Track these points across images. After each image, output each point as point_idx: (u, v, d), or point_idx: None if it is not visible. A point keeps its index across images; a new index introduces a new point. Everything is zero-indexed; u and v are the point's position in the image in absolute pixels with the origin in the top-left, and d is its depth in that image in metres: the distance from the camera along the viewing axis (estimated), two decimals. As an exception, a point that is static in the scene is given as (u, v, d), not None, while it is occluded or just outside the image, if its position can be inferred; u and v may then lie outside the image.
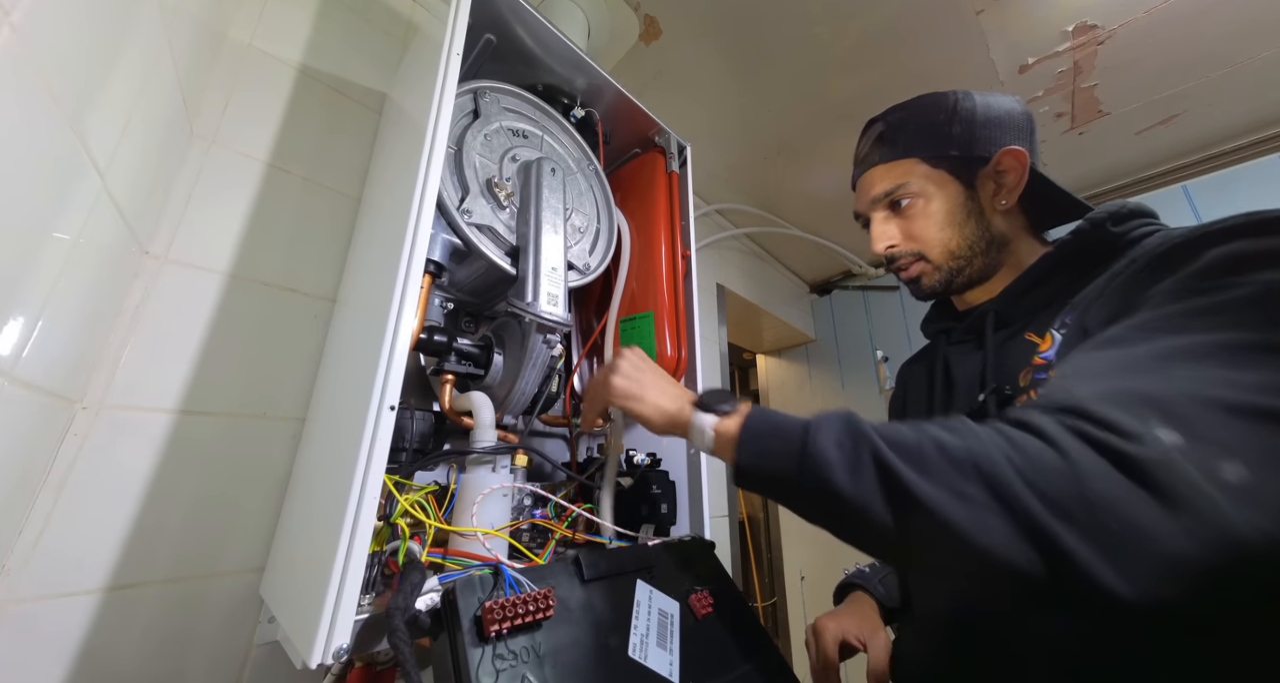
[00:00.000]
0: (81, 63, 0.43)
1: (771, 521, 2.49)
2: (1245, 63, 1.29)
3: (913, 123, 0.63)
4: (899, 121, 0.64)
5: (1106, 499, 0.28)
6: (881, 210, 0.64)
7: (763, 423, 0.43)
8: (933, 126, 0.61)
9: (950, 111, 0.61)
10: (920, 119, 0.62)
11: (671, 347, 0.83)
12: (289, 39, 0.83)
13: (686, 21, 1.21)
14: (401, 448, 0.61)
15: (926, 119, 0.62)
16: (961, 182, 0.60)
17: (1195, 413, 0.29)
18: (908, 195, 0.61)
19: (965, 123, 0.60)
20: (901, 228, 0.63)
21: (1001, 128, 0.60)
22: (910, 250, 0.62)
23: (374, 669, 0.58)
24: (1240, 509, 0.26)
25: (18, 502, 0.50)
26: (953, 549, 0.31)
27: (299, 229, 0.78)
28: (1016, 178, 0.59)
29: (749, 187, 1.82)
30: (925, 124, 0.62)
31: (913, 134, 0.62)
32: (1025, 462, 0.30)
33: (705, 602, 0.58)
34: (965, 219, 0.60)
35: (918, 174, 0.61)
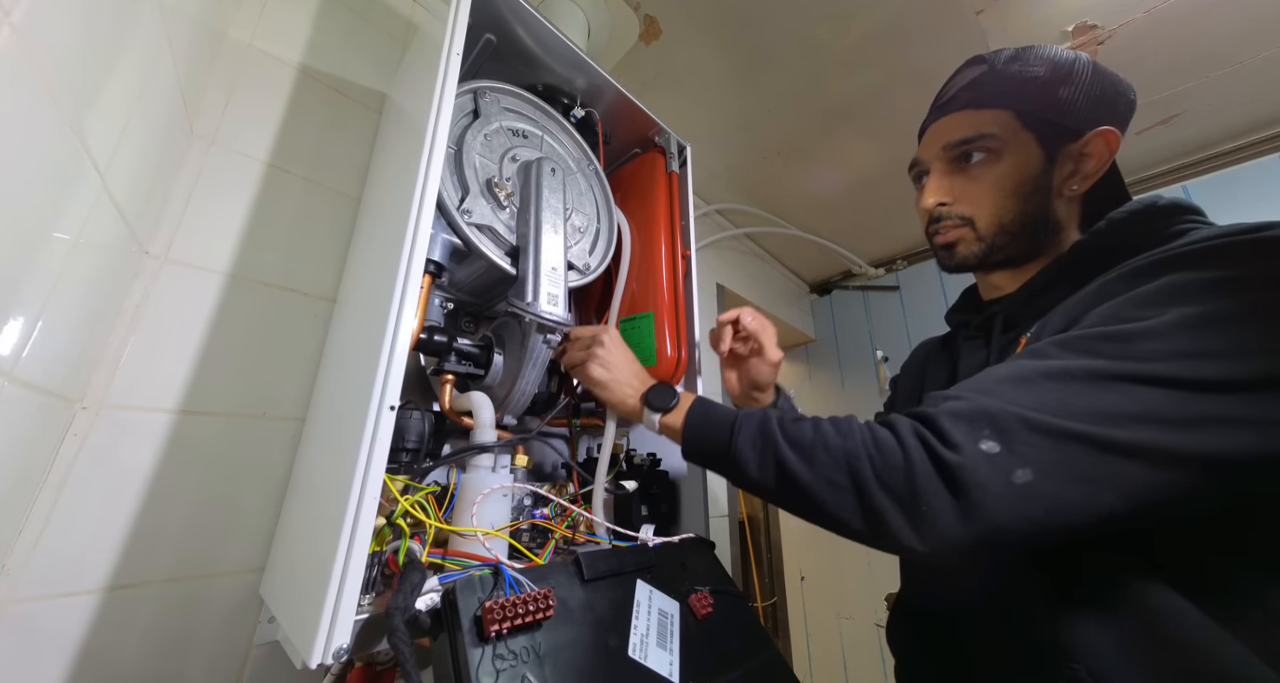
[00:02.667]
0: (81, 63, 0.43)
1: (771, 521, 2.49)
2: (1245, 62, 1.29)
3: (1023, 71, 0.55)
4: (1008, 65, 0.56)
5: (922, 487, 0.39)
6: (947, 161, 0.58)
7: (700, 420, 0.57)
8: (1044, 82, 0.54)
9: (1068, 71, 0.54)
10: (1033, 69, 0.55)
11: (671, 347, 0.83)
12: (289, 39, 0.83)
13: (686, 21, 1.21)
14: (402, 448, 0.61)
15: (1039, 71, 0.55)
16: (1045, 150, 0.55)
17: (1017, 429, 0.38)
18: (985, 150, 0.55)
19: (1079, 89, 0.54)
20: (961, 186, 0.57)
21: (1108, 106, 0.55)
22: (960, 213, 0.57)
23: (374, 669, 0.58)
24: (1014, 502, 0.37)
25: (18, 502, 0.50)
26: (822, 516, 0.45)
27: (299, 229, 0.78)
28: (1100, 164, 0.55)
29: (749, 187, 1.82)
30: (1036, 76, 0.55)
31: (1018, 83, 0.55)
32: (879, 457, 0.42)
33: (705, 602, 0.58)
34: (1032, 193, 0.55)
35: (1006, 128, 0.55)
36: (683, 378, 0.84)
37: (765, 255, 2.25)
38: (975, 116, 0.57)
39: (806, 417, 0.51)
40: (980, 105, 0.57)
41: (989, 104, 0.56)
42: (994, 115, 0.56)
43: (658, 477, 0.78)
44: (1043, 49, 0.57)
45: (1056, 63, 0.55)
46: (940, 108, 0.61)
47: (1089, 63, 0.55)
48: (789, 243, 2.16)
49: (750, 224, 1.98)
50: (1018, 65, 0.56)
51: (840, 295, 2.47)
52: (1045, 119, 0.55)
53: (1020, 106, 0.55)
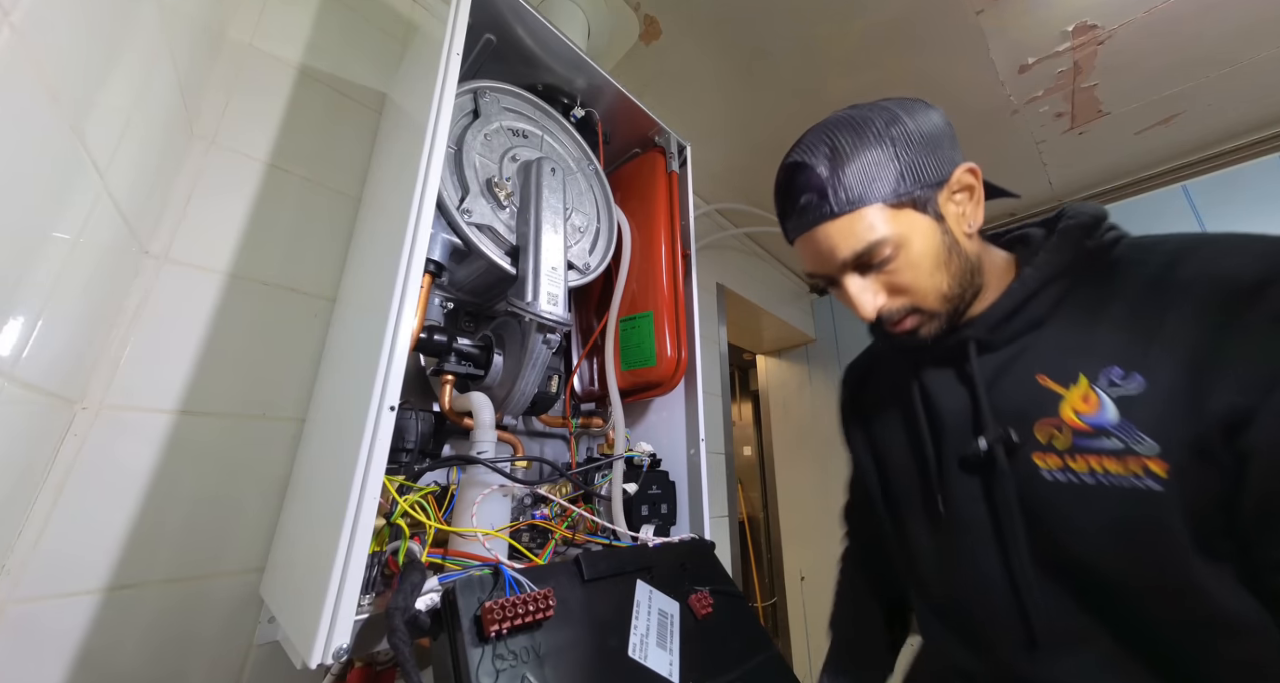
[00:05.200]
0: (81, 63, 0.43)
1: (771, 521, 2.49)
2: (1245, 62, 1.29)
3: (854, 162, 0.51)
4: (836, 163, 0.52)
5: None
6: (853, 270, 0.54)
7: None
8: (878, 163, 0.51)
9: (888, 139, 0.52)
10: (860, 155, 0.51)
11: (671, 347, 0.83)
12: (289, 39, 0.83)
13: (686, 22, 1.21)
14: (402, 448, 0.61)
15: (868, 154, 0.51)
16: (930, 215, 0.52)
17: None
18: (886, 251, 0.52)
19: (909, 148, 0.52)
20: (885, 285, 0.54)
21: (942, 142, 0.53)
22: (901, 306, 0.54)
23: (374, 669, 0.58)
24: None
25: (18, 502, 0.50)
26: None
27: (299, 229, 0.78)
28: (977, 194, 0.54)
29: (749, 187, 1.82)
30: (869, 161, 0.51)
31: (860, 176, 0.51)
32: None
33: (705, 602, 0.58)
34: (948, 257, 0.53)
35: (884, 222, 0.51)
36: (682, 378, 0.84)
37: (765, 255, 2.25)
38: (848, 224, 0.52)
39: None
40: (844, 211, 0.52)
41: (853, 207, 0.51)
42: (865, 216, 0.51)
43: (658, 477, 0.78)
44: (845, 125, 0.53)
45: (871, 137, 0.52)
46: (796, 218, 0.55)
47: (892, 116, 0.53)
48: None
49: (750, 224, 1.98)
50: (841, 156, 0.52)
51: (840, 295, 2.46)
52: (906, 190, 0.51)
53: (880, 196, 0.51)
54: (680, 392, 0.86)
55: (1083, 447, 0.45)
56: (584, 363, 0.93)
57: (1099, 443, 0.44)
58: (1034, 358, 0.51)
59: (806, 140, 0.55)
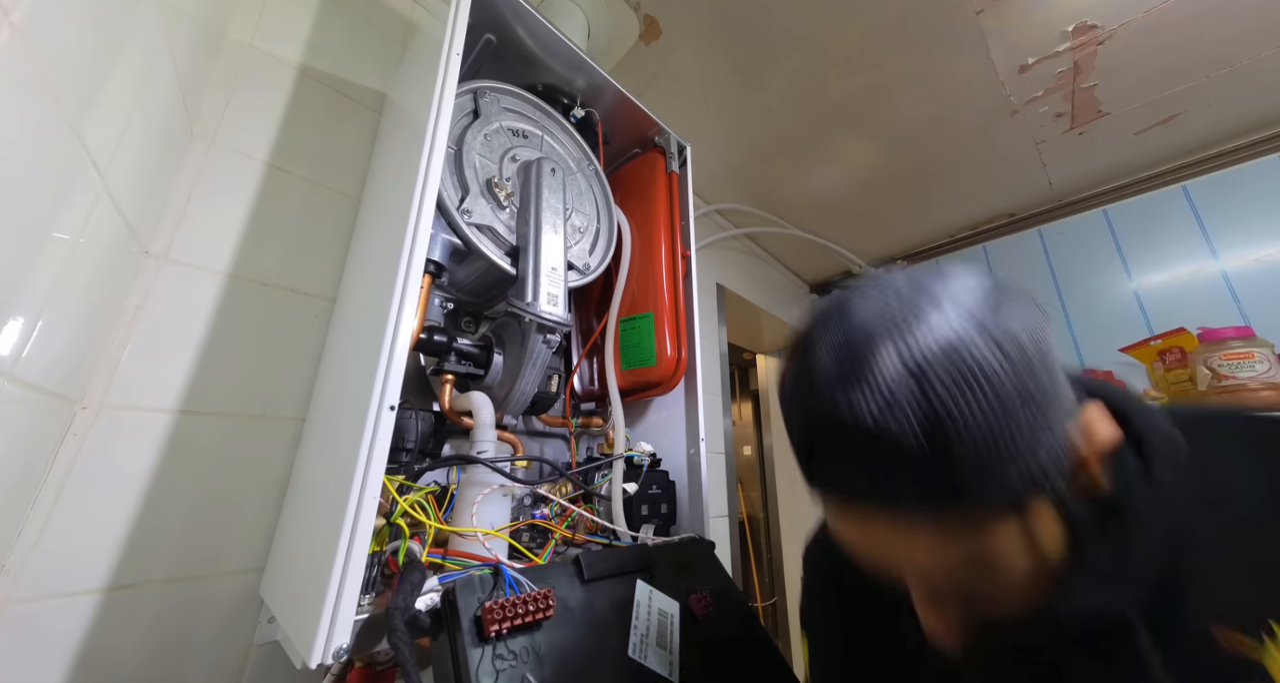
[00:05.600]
0: (81, 63, 0.43)
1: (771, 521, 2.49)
2: (1245, 63, 1.29)
3: (983, 439, 0.29)
4: (955, 442, 0.29)
5: None
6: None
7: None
8: (1015, 435, 0.30)
9: (1024, 389, 0.30)
10: (989, 426, 0.29)
11: (671, 347, 0.83)
12: (289, 39, 0.83)
13: (686, 22, 1.21)
14: (402, 448, 0.61)
15: (999, 423, 0.29)
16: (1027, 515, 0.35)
17: None
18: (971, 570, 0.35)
19: (1041, 390, 0.31)
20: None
21: (1053, 389, 0.32)
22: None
23: (374, 669, 0.58)
24: None
25: (17, 501, 0.50)
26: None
27: (299, 229, 0.78)
28: (1101, 449, 0.36)
29: (749, 186, 1.82)
30: (999, 434, 0.30)
31: (991, 463, 0.30)
32: None
33: (705, 602, 0.58)
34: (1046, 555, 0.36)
35: (1012, 535, 0.34)
36: (682, 378, 0.84)
37: (765, 255, 2.25)
38: (915, 541, 0.33)
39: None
40: (898, 512, 0.33)
41: (917, 506, 0.32)
42: (943, 529, 0.32)
43: (658, 477, 0.78)
44: (970, 357, 0.30)
45: (1010, 391, 0.30)
46: (830, 487, 0.36)
47: (1020, 330, 0.31)
48: (789, 243, 2.16)
49: (750, 224, 1.98)
50: (969, 429, 0.29)
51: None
52: (1042, 468, 0.31)
53: (1010, 492, 0.31)
54: (680, 392, 0.86)
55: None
56: (584, 363, 0.93)
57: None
58: (1192, 609, 0.36)
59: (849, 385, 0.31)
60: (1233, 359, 1.12)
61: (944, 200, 1.87)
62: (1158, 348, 1.37)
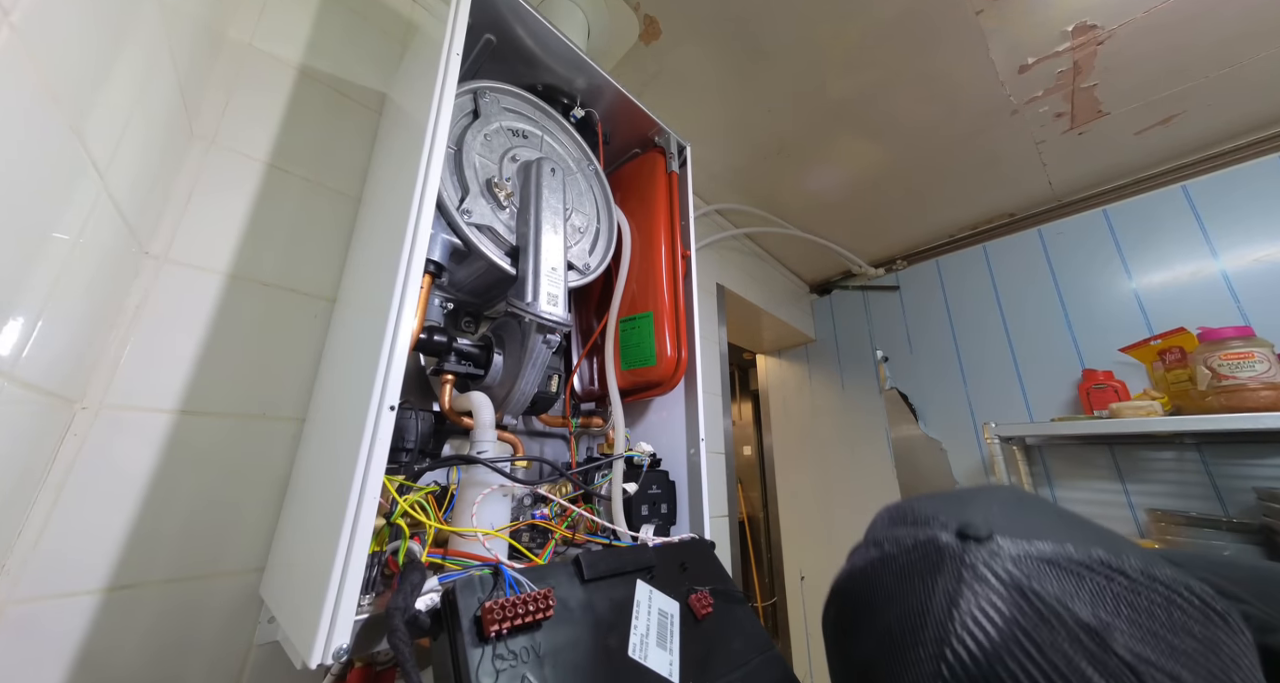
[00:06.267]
0: (81, 63, 0.43)
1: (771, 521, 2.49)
2: (1245, 62, 1.29)
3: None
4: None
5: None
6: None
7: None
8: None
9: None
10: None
11: (671, 347, 0.83)
12: (289, 39, 0.83)
13: (686, 21, 1.21)
14: (402, 448, 0.61)
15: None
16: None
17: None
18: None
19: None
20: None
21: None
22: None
23: (374, 670, 0.58)
24: None
25: (17, 502, 0.50)
26: None
27: (299, 229, 0.78)
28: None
29: (749, 187, 1.82)
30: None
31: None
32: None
33: (705, 602, 0.58)
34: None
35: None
36: (682, 378, 0.84)
37: (765, 255, 2.25)
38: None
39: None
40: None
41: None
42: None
43: (658, 477, 0.78)
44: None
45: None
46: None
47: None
48: (789, 243, 2.16)
49: (750, 224, 1.98)
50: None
51: (840, 295, 2.47)
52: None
53: None
54: (680, 392, 0.86)
55: None
56: (584, 363, 0.93)
57: None
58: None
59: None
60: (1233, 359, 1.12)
61: (944, 200, 1.87)
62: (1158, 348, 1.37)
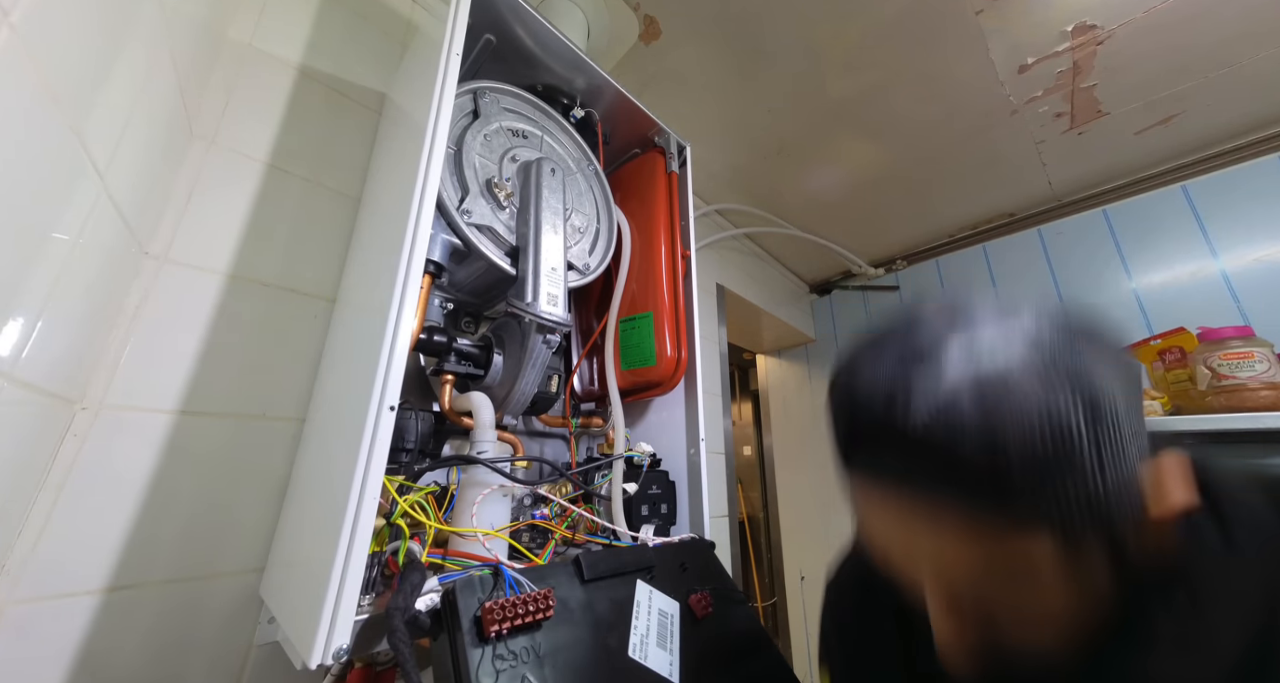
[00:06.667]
0: (81, 63, 0.43)
1: (771, 521, 2.49)
2: (1245, 62, 1.29)
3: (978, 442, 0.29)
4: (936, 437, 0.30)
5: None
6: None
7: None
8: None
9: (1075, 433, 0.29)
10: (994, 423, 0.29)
11: (671, 347, 0.83)
12: (289, 39, 0.83)
13: (686, 22, 1.21)
14: (402, 448, 0.61)
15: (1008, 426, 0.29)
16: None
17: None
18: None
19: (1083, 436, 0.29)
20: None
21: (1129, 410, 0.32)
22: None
23: (374, 670, 0.58)
24: None
25: (17, 502, 0.50)
26: None
27: (299, 229, 0.78)
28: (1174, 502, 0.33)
29: (749, 186, 1.82)
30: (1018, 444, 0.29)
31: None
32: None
33: (705, 602, 0.58)
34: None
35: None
36: (682, 378, 0.84)
37: (765, 255, 2.25)
38: (944, 535, 0.32)
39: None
40: (935, 499, 0.31)
41: (956, 495, 0.30)
42: (976, 526, 0.31)
43: (658, 477, 0.78)
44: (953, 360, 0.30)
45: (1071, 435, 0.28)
46: (872, 470, 0.35)
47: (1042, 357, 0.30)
48: (789, 243, 2.16)
49: (750, 224, 1.98)
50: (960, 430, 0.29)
51: (840, 295, 2.46)
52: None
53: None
54: (680, 392, 0.86)
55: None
56: (584, 363, 0.93)
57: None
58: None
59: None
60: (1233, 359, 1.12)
61: (944, 200, 1.87)
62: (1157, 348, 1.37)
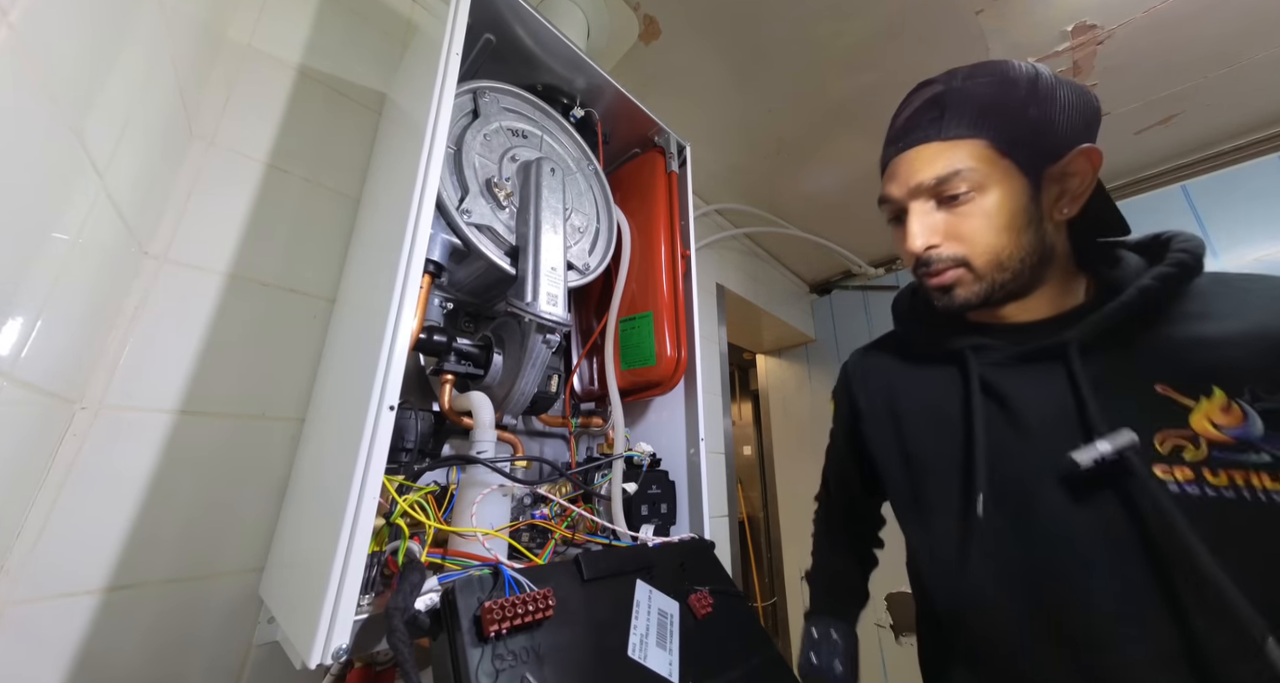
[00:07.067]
0: (80, 63, 0.43)
1: (771, 521, 2.49)
2: (1244, 62, 1.29)
3: (983, 93, 0.51)
4: (966, 89, 0.51)
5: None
6: (925, 200, 0.53)
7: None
8: (1007, 103, 0.50)
9: (1029, 88, 0.50)
10: (993, 90, 0.50)
11: (671, 347, 0.83)
12: (288, 39, 0.83)
13: (686, 21, 1.21)
14: (402, 448, 0.61)
15: (1000, 91, 0.50)
16: (1029, 178, 0.50)
17: None
18: (967, 186, 0.50)
19: (1045, 105, 0.49)
20: (949, 225, 0.52)
21: (1080, 120, 0.51)
22: (953, 254, 0.52)
23: (373, 670, 0.58)
24: None
25: (17, 502, 0.50)
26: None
27: (298, 229, 0.78)
28: (1085, 183, 0.51)
29: (749, 187, 1.82)
30: (999, 98, 0.50)
31: (983, 108, 0.50)
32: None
33: (705, 602, 0.58)
34: (1025, 225, 0.50)
35: (982, 160, 0.50)
36: (682, 378, 0.84)
37: (765, 255, 2.25)
38: (945, 150, 0.51)
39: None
40: (947, 136, 0.51)
41: (957, 134, 0.51)
42: (966, 147, 0.51)
43: (658, 477, 0.78)
44: (999, 65, 0.52)
45: (1017, 80, 0.51)
46: (900, 140, 0.56)
47: (1051, 77, 0.51)
48: (789, 243, 2.16)
49: (750, 224, 1.98)
50: (978, 85, 0.51)
51: (840, 295, 2.47)
52: (1020, 143, 0.50)
53: (992, 134, 0.50)
54: (680, 392, 0.86)
55: (1224, 460, 0.42)
56: (584, 363, 0.93)
57: (1245, 457, 0.42)
58: (1146, 369, 0.47)
59: (957, 68, 0.54)
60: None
61: (944, 200, 1.87)
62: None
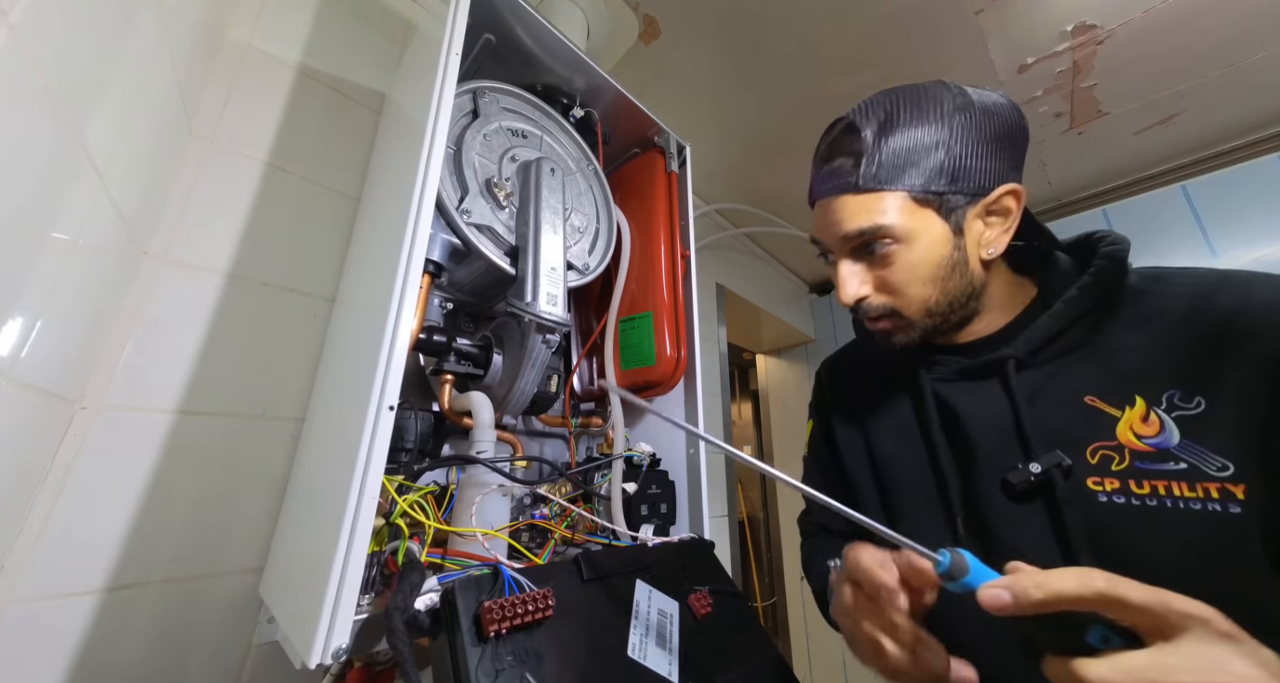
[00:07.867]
0: (80, 63, 0.43)
1: (771, 521, 2.49)
2: (1244, 62, 1.29)
3: (899, 139, 0.50)
4: (883, 135, 0.50)
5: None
6: (850, 251, 0.53)
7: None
8: (924, 148, 0.49)
9: (947, 126, 0.49)
10: (910, 134, 0.50)
11: (671, 347, 0.83)
12: (288, 39, 0.83)
13: (686, 21, 1.21)
14: (401, 448, 0.61)
15: (918, 134, 0.49)
16: (949, 223, 0.50)
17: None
18: (890, 239, 0.50)
19: (964, 143, 0.49)
20: (876, 278, 0.53)
21: (1003, 150, 0.50)
22: (883, 304, 0.53)
23: (373, 669, 0.58)
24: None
25: (17, 502, 0.50)
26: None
27: (298, 229, 0.78)
28: (1012, 221, 0.51)
29: (749, 186, 1.82)
30: (916, 143, 0.49)
31: (898, 157, 0.49)
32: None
33: (705, 602, 0.58)
34: (950, 272, 0.51)
35: (902, 212, 0.49)
36: (682, 378, 0.84)
37: (765, 255, 2.25)
38: (865, 203, 0.50)
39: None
40: (869, 188, 0.50)
41: (874, 187, 0.50)
42: (885, 200, 0.50)
43: (657, 477, 0.78)
44: (911, 97, 0.51)
45: (932, 115, 0.50)
46: (823, 182, 0.55)
47: (964, 101, 0.50)
48: (789, 243, 2.16)
49: (750, 224, 1.98)
50: (891, 139, 0.50)
51: (840, 295, 2.46)
52: (936, 192, 0.49)
53: (908, 185, 0.49)
54: (680, 392, 0.86)
55: (1146, 470, 0.44)
56: (583, 363, 0.93)
57: (1163, 466, 0.43)
58: (1076, 381, 0.48)
59: (871, 100, 0.54)
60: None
61: (943, 200, 1.87)
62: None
